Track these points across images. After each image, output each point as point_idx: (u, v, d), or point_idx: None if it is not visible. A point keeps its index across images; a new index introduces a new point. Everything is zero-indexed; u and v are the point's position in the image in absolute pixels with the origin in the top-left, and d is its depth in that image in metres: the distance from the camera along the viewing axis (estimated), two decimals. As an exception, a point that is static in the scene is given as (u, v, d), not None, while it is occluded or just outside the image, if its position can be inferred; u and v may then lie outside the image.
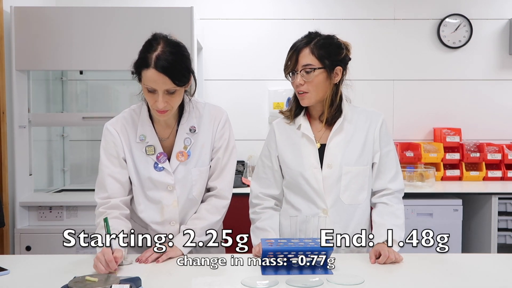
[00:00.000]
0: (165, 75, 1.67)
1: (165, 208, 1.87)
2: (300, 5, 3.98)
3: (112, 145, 1.85)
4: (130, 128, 1.87)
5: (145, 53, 1.71)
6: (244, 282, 1.52)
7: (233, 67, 3.98)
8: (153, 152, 1.85)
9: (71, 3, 3.79)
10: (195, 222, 1.89)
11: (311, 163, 1.89)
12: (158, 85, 1.69)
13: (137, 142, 1.86)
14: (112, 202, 1.83)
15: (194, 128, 1.89)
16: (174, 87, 1.70)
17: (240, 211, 2.31)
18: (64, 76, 3.76)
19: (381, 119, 1.95)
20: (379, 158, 1.93)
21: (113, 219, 1.78)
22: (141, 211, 1.89)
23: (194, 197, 1.91)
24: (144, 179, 1.86)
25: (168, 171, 1.86)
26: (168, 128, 1.89)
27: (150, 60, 1.68)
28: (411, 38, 4.00)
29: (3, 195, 3.01)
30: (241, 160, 3.89)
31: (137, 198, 1.89)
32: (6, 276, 1.63)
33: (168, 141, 1.88)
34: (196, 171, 1.88)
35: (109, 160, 1.85)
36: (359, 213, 1.91)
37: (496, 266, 1.76)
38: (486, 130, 4.02)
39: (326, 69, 1.85)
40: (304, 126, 1.93)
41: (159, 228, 1.90)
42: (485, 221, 3.37)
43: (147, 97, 1.75)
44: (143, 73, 1.70)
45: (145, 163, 1.86)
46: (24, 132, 3.17)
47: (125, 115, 1.90)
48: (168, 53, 1.69)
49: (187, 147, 1.87)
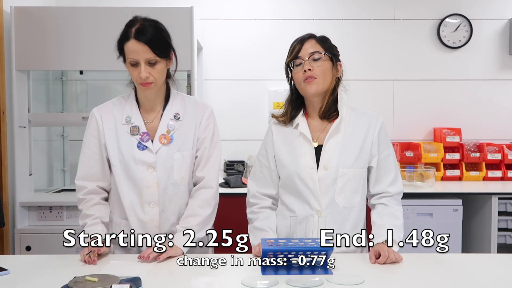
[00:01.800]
0: (145, 44, 1.79)
1: (144, 189, 1.90)
2: (300, 5, 3.98)
3: (96, 129, 1.94)
4: (117, 111, 1.95)
5: (126, 29, 1.84)
6: (244, 282, 1.52)
7: (233, 67, 3.98)
8: (137, 132, 1.92)
9: (71, 3, 3.79)
10: (189, 220, 1.91)
11: (307, 163, 1.89)
12: (139, 54, 1.80)
13: (123, 124, 1.93)
14: (89, 187, 1.93)
15: (178, 115, 1.95)
16: (154, 56, 1.81)
17: (240, 211, 2.31)
18: (64, 76, 3.76)
19: (380, 123, 1.94)
20: (377, 162, 1.92)
21: (95, 205, 1.91)
22: (122, 193, 1.92)
23: (176, 182, 1.93)
24: (127, 158, 1.90)
25: (150, 150, 1.91)
26: (152, 112, 1.96)
27: (130, 33, 1.81)
28: (411, 38, 4.00)
29: (3, 195, 3.01)
30: (241, 160, 3.89)
31: (118, 178, 1.92)
32: (6, 276, 1.63)
33: (152, 124, 1.94)
34: (178, 155, 1.92)
35: (92, 142, 1.94)
36: (353, 216, 1.90)
37: (496, 266, 1.76)
38: (486, 130, 4.02)
39: (331, 58, 1.90)
40: (301, 125, 1.94)
41: (139, 211, 1.91)
42: (485, 221, 3.37)
43: (132, 72, 1.85)
44: (125, 47, 1.82)
45: (128, 143, 1.91)
46: (24, 132, 3.18)
47: (114, 100, 2.00)
48: (147, 25, 1.83)
49: (170, 131, 1.93)
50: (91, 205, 1.92)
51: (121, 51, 1.86)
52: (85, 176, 1.94)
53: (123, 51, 1.85)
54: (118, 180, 1.91)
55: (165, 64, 1.88)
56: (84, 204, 1.93)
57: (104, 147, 1.93)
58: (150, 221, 1.91)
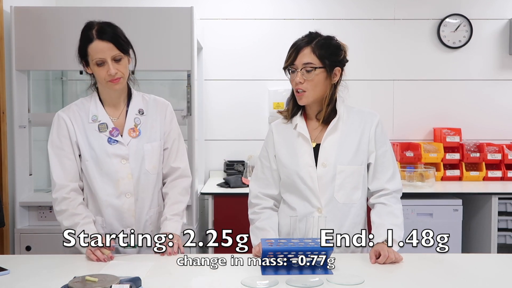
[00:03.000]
0: (109, 41, 1.87)
1: (120, 181, 1.96)
2: (300, 5, 3.98)
3: (65, 129, 1.97)
4: (82, 112, 2.01)
5: (86, 32, 1.90)
6: (244, 282, 1.53)
7: (233, 67, 3.98)
8: (106, 128, 1.98)
9: (71, 3, 3.79)
10: (174, 207, 2.01)
11: (306, 162, 1.90)
12: (105, 53, 1.87)
13: (90, 123, 1.98)
14: (71, 186, 1.94)
15: (142, 110, 2.04)
16: (119, 53, 1.89)
17: (240, 211, 2.31)
18: (64, 76, 3.76)
19: (376, 120, 1.95)
20: (375, 159, 1.93)
21: (80, 205, 1.93)
22: (97, 187, 1.96)
23: (148, 171, 2.01)
24: (99, 153, 1.96)
25: (121, 143, 1.97)
26: (117, 110, 2.03)
27: (92, 35, 1.88)
28: (411, 38, 4.00)
29: (3, 195, 3.01)
30: (241, 160, 3.89)
31: (92, 173, 1.96)
32: (6, 276, 1.63)
33: (118, 121, 2.01)
34: (148, 146, 2.01)
35: (64, 142, 1.96)
36: (354, 212, 1.91)
37: (496, 266, 1.77)
38: (486, 130, 4.02)
39: (326, 69, 1.86)
40: (300, 125, 1.95)
41: (116, 202, 1.96)
42: (485, 221, 3.37)
43: (98, 72, 1.90)
44: (89, 48, 1.88)
45: (99, 140, 1.97)
46: (24, 132, 3.18)
47: (77, 102, 2.06)
48: (106, 25, 1.91)
49: (137, 125, 2.01)
50: (78, 205, 1.93)
51: (82, 56, 1.92)
52: (64, 176, 1.95)
53: (85, 56, 1.90)
54: (92, 175, 1.96)
55: (128, 61, 1.95)
56: (69, 203, 1.92)
57: (76, 145, 1.97)
58: (127, 210, 1.98)
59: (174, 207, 2.01)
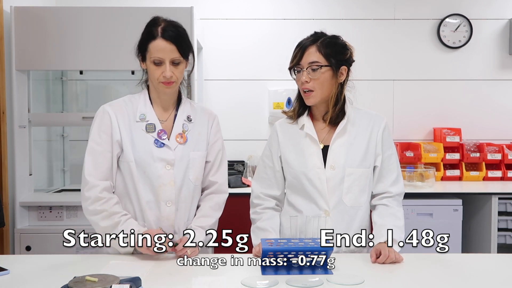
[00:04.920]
0: (173, 43, 1.80)
1: (162, 187, 1.88)
2: (300, 5, 3.98)
3: (108, 126, 1.88)
4: (130, 109, 1.92)
5: (150, 28, 1.83)
6: (244, 282, 1.52)
7: (233, 67, 3.98)
8: (153, 129, 1.89)
9: (71, 3, 3.79)
10: (202, 220, 1.93)
11: (315, 163, 1.90)
12: (166, 53, 1.80)
13: (137, 122, 1.90)
14: (103, 185, 1.84)
15: (190, 117, 1.96)
16: (179, 56, 1.82)
17: (240, 211, 2.31)
18: (64, 76, 3.76)
19: (384, 123, 1.95)
20: (381, 162, 1.93)
21: (117, 204, 1.85)
22: (138, 190, 1.87)
23: (191, 181, 1.93)
24: (144, 155, 1.87)
25: (168, 147, 1.89)
26: (166, 112, 1.95)
27: (156, 32, 1.80)
28: (411, 38, 4.00)
29: (3, 195, 3.01)
30: (241, 160, 3.89)
31: (134, 176, 1.87)
32: (6, 276, 1.63)
33: (165, 124, 1.93)
34: (194, 154, 1.93)
35: (103, 139, 1.87)
36: (361, 215, 1.91)
37: (496, 266, 1.76)
38: (486, 130, 4.02)
39: (332, 67, 1.86)
40: (307, 126, 1.94)
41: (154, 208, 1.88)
42: (485, 221, 3.37)
43: (153, 71, 1.83)
44: (150, 45, 1.81)
45: (144, 141, 1.88)
46: (24, 132, 3.17)
47: (125, 98, 1.97)
48: (172, 26, 1.84)
49: (185, 131, 1.93)
50: (114, 204, 1.84)
51: (141, 50, 1.85)
52: (97, 174, 1.85)
53: (144, 51, 1.84)
54: (135, 178, 1.86)
55: (185, 65, 1.88)
56: (104, 203, 1.82)
57: (117, 144, 1.87)
58: (166, 219, 1.89)
59: (202, 220, 1.93)
